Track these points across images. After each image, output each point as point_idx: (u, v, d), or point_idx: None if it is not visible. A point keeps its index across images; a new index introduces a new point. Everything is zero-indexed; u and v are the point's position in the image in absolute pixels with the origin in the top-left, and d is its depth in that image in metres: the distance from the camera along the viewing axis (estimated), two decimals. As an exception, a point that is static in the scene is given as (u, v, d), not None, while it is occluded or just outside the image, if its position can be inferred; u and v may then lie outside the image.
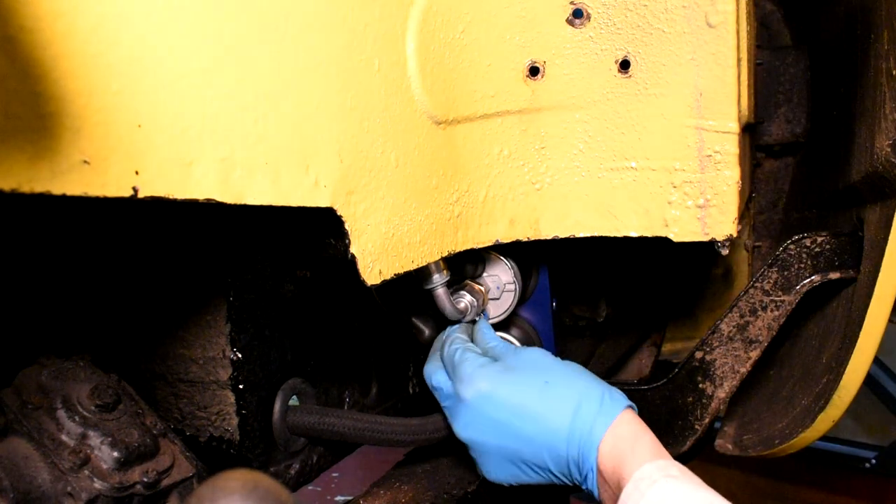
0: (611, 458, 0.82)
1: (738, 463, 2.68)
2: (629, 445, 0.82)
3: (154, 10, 0.53)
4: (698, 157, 0.94)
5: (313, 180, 0.70)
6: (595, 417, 0.85)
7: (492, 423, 0.89)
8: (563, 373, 0.91)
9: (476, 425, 0.90)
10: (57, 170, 0.47)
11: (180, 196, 0.56)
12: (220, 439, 0.91)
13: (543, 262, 1.18)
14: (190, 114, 0.57)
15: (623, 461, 0.81)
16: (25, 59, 0.45)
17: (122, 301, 0.93)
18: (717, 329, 1.13)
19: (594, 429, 0.84)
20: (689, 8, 0.91)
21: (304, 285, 0.99)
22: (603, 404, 0.86)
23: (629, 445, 0.82)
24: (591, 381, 0.90)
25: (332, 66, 0.71)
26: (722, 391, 1.13)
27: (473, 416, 0.90)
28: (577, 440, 0.85)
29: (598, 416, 0.85)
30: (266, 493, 0.51)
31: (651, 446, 0.82)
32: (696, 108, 0.93)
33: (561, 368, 0.92)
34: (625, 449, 0.82)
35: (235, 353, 0.89)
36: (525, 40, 0.96)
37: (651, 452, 0.81)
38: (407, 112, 0.83)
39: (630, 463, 0.80)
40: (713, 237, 0.95)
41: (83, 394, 0.77)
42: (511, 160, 0.98)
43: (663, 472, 0.77)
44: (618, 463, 0.81)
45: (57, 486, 0.71)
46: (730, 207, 0.94)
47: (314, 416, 0.96)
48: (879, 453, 2.68)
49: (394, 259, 0.83)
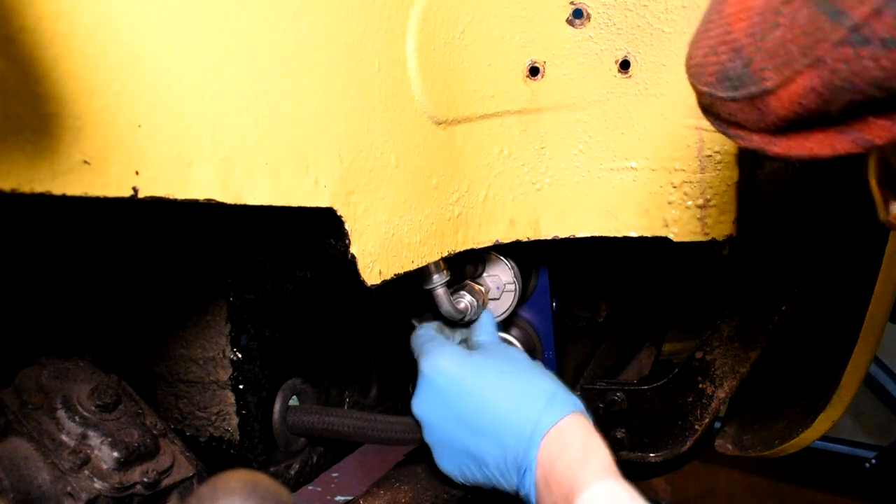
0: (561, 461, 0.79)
1: (738, 463, 2.68)
2: (580, 455, 0.79)
3: (154, 11, 0.53)
4: (698, 158, 0.94)
5: (313, 180, 0.70)
6: (541, 412, 0.82)
7: (442, 401, 0.88)
8: (523, 368, 0.90)
9: (429, 401, 0.90)
10: (57, 170, 0.47)
11: (180, 196, 0.56)
12: (220, 439, 0.91)
13: (543, 262, 1.18)
14: (190, 114, 0.57)
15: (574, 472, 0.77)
16: (26, 59, 0.45)
17: (122, 301, 0.93)
18: (718, 329, 1.13)
19: (539, 423, 0.82)
20: (689, 8, 0.91)
21: (304, 285, 0.99)
22: (552, 401, 0.84)
23: (580, 455, 0.79)
24: (548, 382, 0.88)
25: (332, 66, 0.71)
26: (722, 391, 1.13)
27: (427, 389, 0.90)
28: (520, 432, 0.83)
29: (544, 412, 0.82)
30: (266, 493, 0.51)
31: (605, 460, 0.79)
32: (695, 108, 0.92)
33: (524, 365, 0.91)
34: (575, 457, 0.78)
35: (235, 353, 0.89)
36: (525, 40, 0.96)
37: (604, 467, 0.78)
38: (407, 112, 0.83)
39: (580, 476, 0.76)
40: (713, 237, 0.95)
41: (83, 394, 0.77)
42: (511, 160, 0.98)
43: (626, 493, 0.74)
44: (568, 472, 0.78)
45: (57, 487, 0.72)
46: (730, 207, 0.94)
47: (314, 416, 0.96)
48: (879, 453, 2.68)
49: (394, 259, 0.83)
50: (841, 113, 0.42)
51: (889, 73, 0.39)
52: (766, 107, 0.46)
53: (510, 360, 0.92)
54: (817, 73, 0.42)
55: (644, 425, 1.16)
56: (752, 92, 0.46)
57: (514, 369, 0.89)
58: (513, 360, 0.92)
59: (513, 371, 0.89)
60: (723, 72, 0.49)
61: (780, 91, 0.44)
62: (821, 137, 0.45)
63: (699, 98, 0.55)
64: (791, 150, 0.47)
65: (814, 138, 0.45)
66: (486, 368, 0.89)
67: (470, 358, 0.91)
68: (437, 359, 0.90)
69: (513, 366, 0.90)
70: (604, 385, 1.18)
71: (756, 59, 0.45)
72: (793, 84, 0.43)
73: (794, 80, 0.43)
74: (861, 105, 0.41)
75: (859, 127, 0.43)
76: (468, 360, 0.90)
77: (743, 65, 0.47)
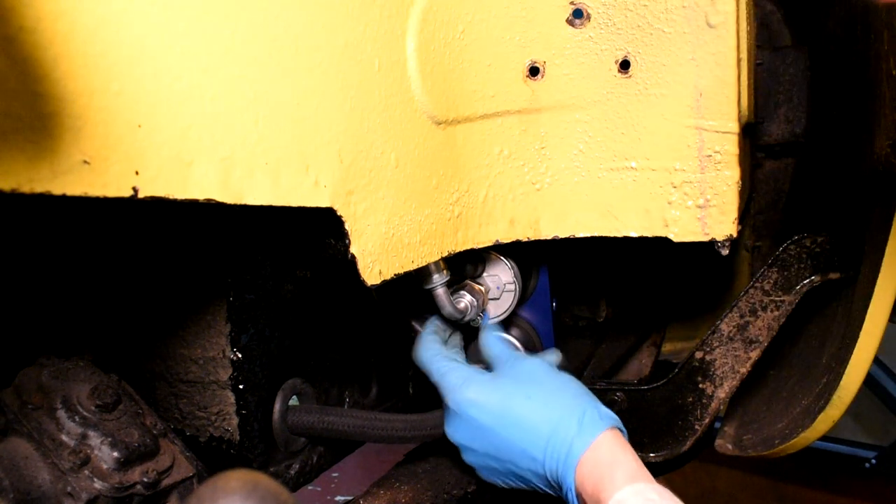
0: (590, 481, 0.80)
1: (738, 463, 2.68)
2: (607, 469, 0.80)
3: (154, 11, 0.53)
4: (698, 157, 0.94)
5: (313, 180, 0.70)
6: (573, 439, 0.83)
7: (478, 430, 0.89)
8: (549, 389, 0.90)
9: (461, 431, 0.91)
10: (57, 170, 0.47)
11: (180, 196, 0.56)
12: (220, 439, 0.91)
13: (543, 262, 1.18)
14: (190, 114, 0.57)
15: (601, 486, 0.79)
16: (26, 59, 0.45)
17: (122, 301, 0.93)
18: (717, 329, 1.13)
19: (571, 450, 0.83)
20: (689, 8, 0.91)
21: (304, 285, 0.99)
22: (582, 425, 0.84)
23: (607, 469, 0.80)
24: (576, 398, 0.88)
25: (332, 66, 0.71)
26: (722, 391, 1.13)
27: (457, 420, 0.91)
28: (554, 461, 0.84)
29: (576, 438, 0.83)
30: (266, 493, 0.51)
31: (630, 470, 0.80)
32: (696, 108, 0.93)
33: (549, 383, 0.91)
34: (603, 473, 0.80)
35: (235, 353, 0.89)
36: (525, 40, 0.96)
37: (630, 476, 0.79)
38: (407, 112, 0.83)
39: (608, 488, 0.78)
40: (713, 237, 0.95)
41: (83, 394, 0.77)
42: (511, 160, 0.98)
43: (641, 497, 0.75)
44: (596, 488, 0.79)
45: (57, 486, 0.72)
46: (730, 207, 0.94)
47: (314, 416, 0.96)
48: (879, 453, 2.68)
49: (394, 259, 0.83)
50: None
51: None
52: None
53: (535, 381, 0.91)
54: None
55: (644, 425, 1.16)
56: None
57: (541, 392, 0.89)
58: (537, 380, 0.91)
59: (540, 395, 0.89)
60: None
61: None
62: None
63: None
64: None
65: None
66: (513, 396, 0.89)
67: (495, 385, 0.90)
68: (465, 391, 0.90)
69: (539, 388, 0.90)
70: (604, 385, 1.18)
71: None
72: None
73: None
74: None
75: None
76: (494, 388, 0.90)
77: None
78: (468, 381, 0.91)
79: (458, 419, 0.91)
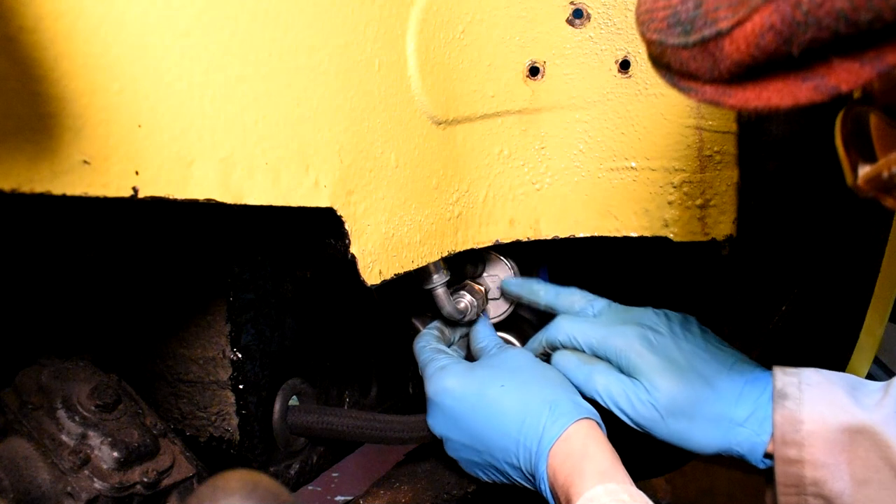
0: (562, 472, 0.77)
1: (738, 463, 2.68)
2: (578, 462, 0.77)
3: (154, 11, 0.53)
4: (698, 157, 0.94)
5: (313, 180, 0.70)
6: (544, 427, 0.81)
7: (454, 420, 0.88)
8: (526, 378, 0.88)
9: (439, 420, 0.90)
10: (57, 170, 0.47)
11: (180, 196, 0.56)
12: (220, 439, 0.91)
13: (543, 262, 1.18)
14: (190, 114, 0.57)
15: (571, 479, 0.75)
16: (26, 59, 0.45)
17: (122, 301, 0.93)
18: (717, 329, 1.12)
19: (542, 439, 0.80)
20: (689, 8, 0.91)
21: (304, 285, 0.99)
22: (554, 414, 0.82)
23: (578, 462, 0.77)
24: (553, 388, 0.86)
25: (332, 66, 0.71)
26: (722, 391, 1.12)
27: (435, 409, 0.90)
28: (526, 450, 0.82)
29: (547, 426, 0.81)
30: (266, 493, 0.51)
31: (602, 466, 0.76)
32: (695, 108, 0.93)
33: (527, 373, 0.89)
34: (574, 466, 0.77)
35: (235, 353, 0.89)
36: (525, 40, 0.96)
37: (601, 472, 0.75)
38: (407, 112, 0.83)
39: (577, 483, 0.75)
40: (713, 237, 0.95)
41: (83, 394, 0.77)
42: (511, 160, 0.98)
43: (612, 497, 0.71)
44: (567, 480, 0.76)
45: (57, 486, 0.72)
46: (730, 207, 0.94)
47: (314, 416, 0.96)
48: (879, 453, 2.68)
49: (394, 259, 0.83)
50: (802, 54, 0.38)
51: (856, 4, 0.34)
52: (720, 52, 0.41)
53: (511, 369, 0.90)
54: (776, 7, 0.37)
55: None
56: (704, 35, 0.42)
57: (515, 381, 0.88)
58: (514, 369, 0.90)
59: (514, 383, 0.87)
60: (673, 16, 0.45)
61: (736, 32, 0.40)
62: (780, 86, 0.40)
63: (648, 48, 0.50)
64: (748, 102, 0.42)
65: (772, 87, 0.41)
66: (487, 384, 0.88)
67: (471, 374, 0.90)
68: (441, 379, 0.90)
69: (514, 377, 0.88)
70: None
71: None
72: (749, 23, 0.39)
73: (750, 19, 0.39)
74: (825, 44, 0.37)
75: (823, 72, 0.38)
76: (470, 376, 0.89)
77: (695, 6, 0.43)
78: (445, 370, 0.91)
79: (435, 408, 0.91)
